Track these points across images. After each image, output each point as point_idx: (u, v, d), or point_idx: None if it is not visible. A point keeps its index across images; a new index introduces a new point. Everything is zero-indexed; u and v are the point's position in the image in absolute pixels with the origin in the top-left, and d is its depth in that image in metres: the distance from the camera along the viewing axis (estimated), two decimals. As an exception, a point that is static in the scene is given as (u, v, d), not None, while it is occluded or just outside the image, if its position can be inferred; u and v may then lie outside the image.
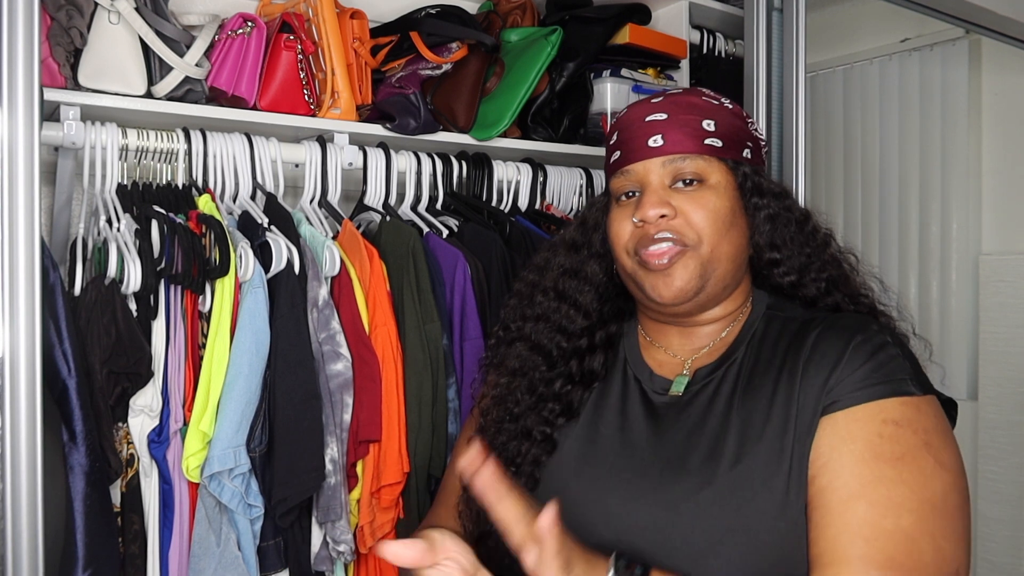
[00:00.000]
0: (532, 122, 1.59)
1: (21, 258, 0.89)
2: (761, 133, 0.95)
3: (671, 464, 0.83)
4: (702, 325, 0.91)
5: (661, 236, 0.85)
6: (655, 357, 0.93)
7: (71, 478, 0.98)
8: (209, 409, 1.07)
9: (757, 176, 0.91)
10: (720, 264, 0.86)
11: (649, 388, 0.90)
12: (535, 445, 0.91)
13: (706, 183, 0.87)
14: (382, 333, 1.21)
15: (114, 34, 1.17)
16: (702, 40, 1.89)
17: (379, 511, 1.19)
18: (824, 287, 0.91)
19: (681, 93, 0.92)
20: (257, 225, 1.20)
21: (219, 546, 1.06)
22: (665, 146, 0.87)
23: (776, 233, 0.90)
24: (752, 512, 0.78)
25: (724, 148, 0.88)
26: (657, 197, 0.86)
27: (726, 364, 0.87)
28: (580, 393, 0.93)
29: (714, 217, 0.86)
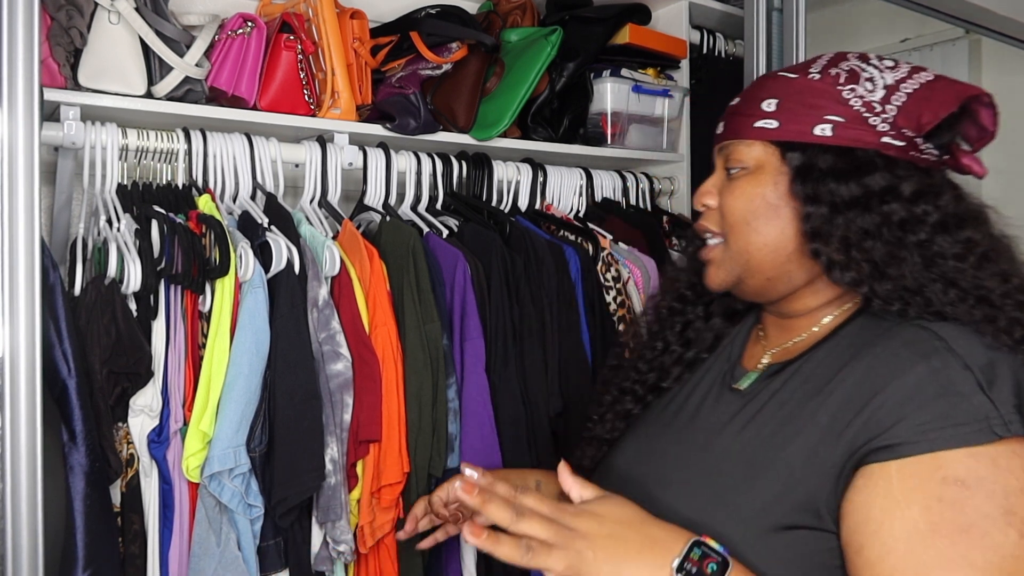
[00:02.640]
0: (532, 122, 1.59)
1: (21, 258, 0.89)
2: (876, 99, 0.80)
3: (695, 448, 0.83)
4: (792, 317, 0.87)
5: (701, 226, 0.89)
6: (752, 348, 0.91)
7: (71, 478, 0.98)
8: (209, 409, 1.07)
9: (822, 156, 0.80)
10: (751, 256, 0.83)
11: (729, 376, 0.89)
12: (620, 398, 0.97)
13: (748, 170, 0.84)
14: (382, 333, 1.21)
15: (114, 34, 1.17)
16: (702, 40, 1.90)
17: (379, 511, 1.19)
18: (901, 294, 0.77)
19: (774, 70, 0.88)
20: (257, 225, 1.20)
21: (219, 546, 1.06)
22: (722, 133, 0.88)
23: (824, 220, 0.79)
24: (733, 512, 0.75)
25: (780, 129, 0.82)
26: (705, 186, 0.89)
27: (795, 364, 0.82)
28: (678, 358, 0.94)
29: (743, 206, 0.83)
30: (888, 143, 0.79)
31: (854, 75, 0.81)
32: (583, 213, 1.67)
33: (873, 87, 0.80)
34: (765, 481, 0.75)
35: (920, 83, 0.80)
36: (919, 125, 0.79)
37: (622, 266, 1.52)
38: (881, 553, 0.65)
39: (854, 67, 0.82)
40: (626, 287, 1.51)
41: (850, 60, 0.83)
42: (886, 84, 0.80)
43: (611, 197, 1.71)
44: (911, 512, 0.65)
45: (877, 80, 0.81)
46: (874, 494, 0.68)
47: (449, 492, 1.03)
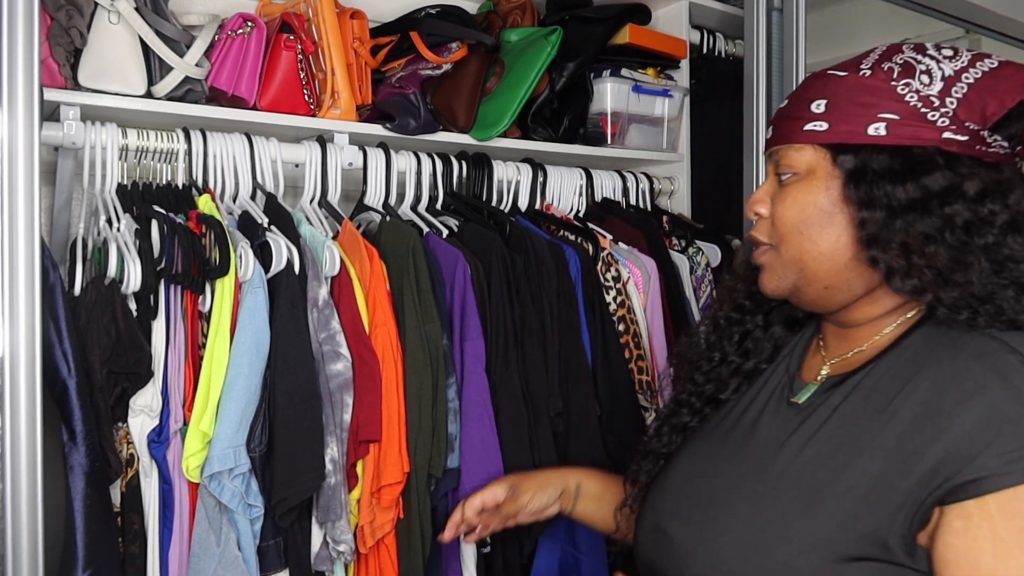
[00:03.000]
0: (532, 122, 1.59)
1: (21, 258, 0.90)
2: (934, 93, 0.75)
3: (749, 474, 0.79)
4: (852, 327, 0.83)
5: (753, 239, 0.85)
6: (812, 359, 0.87)
7: (71, 478, 0.98)
8: (209, 409, 1.06)
9: (875, 157, 0.75)
10: (805, 265, 0.79)
11: (788, 388, 0.85)
12: (675, 411, 0.94)
13: (799, 175, 0.80)
14: (382, 333, 1.21)
15: (114, 34, 1.17)
16: (702, 40, 1.90)
17: (379, 511, 1.19)
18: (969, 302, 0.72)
19: (823, 69, 0.82)
20: (257, 225, 1.20)
21: (219, 546, 1.06)
22: (771, 138, 0.84)
23: (880, 225, 0.75)
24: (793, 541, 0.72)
25: (830, 131, 0.77)
26: (757, 194, 0.84)
27: (856, 376, 0.78)
28: (736, 369, 0.91)
29: (795, 214, 0.79)
30: (950, 139, 0.74)
31: (909, 68, 0.76)
32: (583, 213, 1.67)
33: (930, 80, 0.75)
34: (827, 507, 0.71)
35: (983, 71, 0.75)
36: (984, 117, 0.73)
37: (622, 266, 1.52)
38: None
39: (909, 59, 0.77)
40: (626, 287, 1.51)
41: (905, 52, 0.78)
42: (944, 75, 0.75)
43: (611, 197, 1.71)
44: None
45: (934, 72, 0.75)
46: (980, 537, 0.64)
47: (484, 499, 1.05)
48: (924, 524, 0.68)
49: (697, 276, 1.66)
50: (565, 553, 1.39)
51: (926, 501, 0.67)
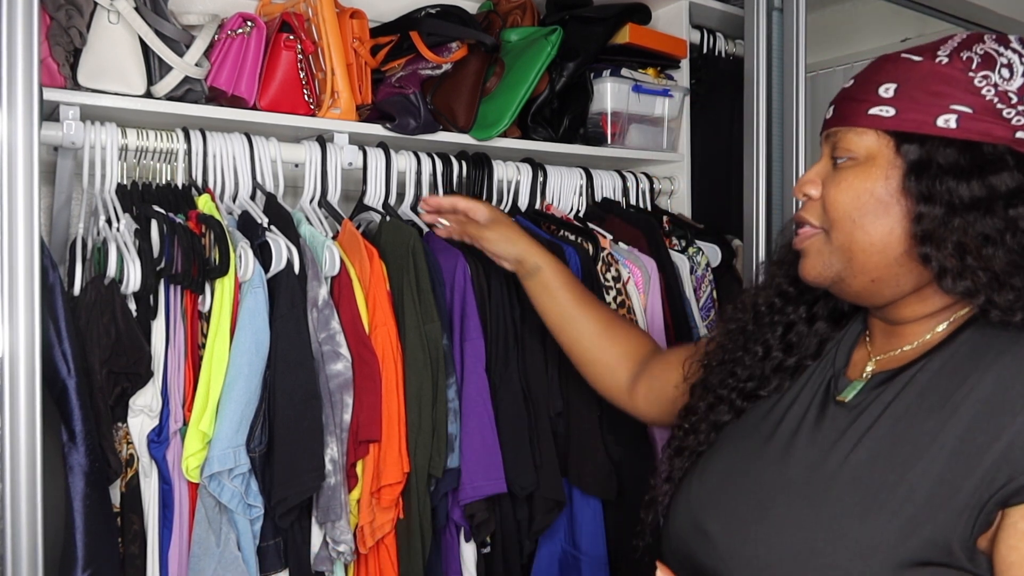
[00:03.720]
0: (532, 122, 1.59)
1: (21, 258, 0.89)
2: (1010, 88, 0.71)
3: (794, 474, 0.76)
4: (901, 324, 0.80)
5: (799, 217, 0.82)
6: (856, 355, 0.84)
7: (71, 478, 0.98)
8: (209, 409, 1.06)
9: (942, 150, 0.72)
10: (855, 255, 0.76)
11: (834, 385, 0.82)
12: (713, 407, 0.90)
13: (857, 160, 0.76)
14: (382, 333, 1.21)
15: (113, 34, 1.17)
16: (702, 40, 1.90)
17: (379, 511, 1.19)
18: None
19: (896, 51, 0.78)
20: (257, 225, 1.20)
21: (219, 546, 1.06)
22: (831, 118, 0.80)
23: (937, 222, 0.71)
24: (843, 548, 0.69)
25: (897, 118, 0.74)
26: (809, 175, 0.81)
27: (907, 372, 0.75)
28: (778, 365, 0.87)
29: (850, 200, 0.75)
30: (1023, 139, 0.71)
31: (989, 60, 0.72)
32: (583, 213, 1.67)
33: (1011, 75, 0.71)
34: (886, 511, 0.69)
35: None
36: None
37: (622, 266, 1.52)
38: None
39: (990, 51, 0.73)
40: (626, 287, 1.50)
41: (986, 43, 0.74)
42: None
43: (611, 197, 1.71)
44: None
45: (1016, 67, 0.71)
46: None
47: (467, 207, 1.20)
48: (987, 526, 0.66)
49: (697, 276, 1.66)
50: (565, 553, 1.40)
51: (990, 502, 0.65)
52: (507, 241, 1.19)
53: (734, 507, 0.79)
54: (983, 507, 0.65)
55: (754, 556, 0.74)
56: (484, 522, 1.27)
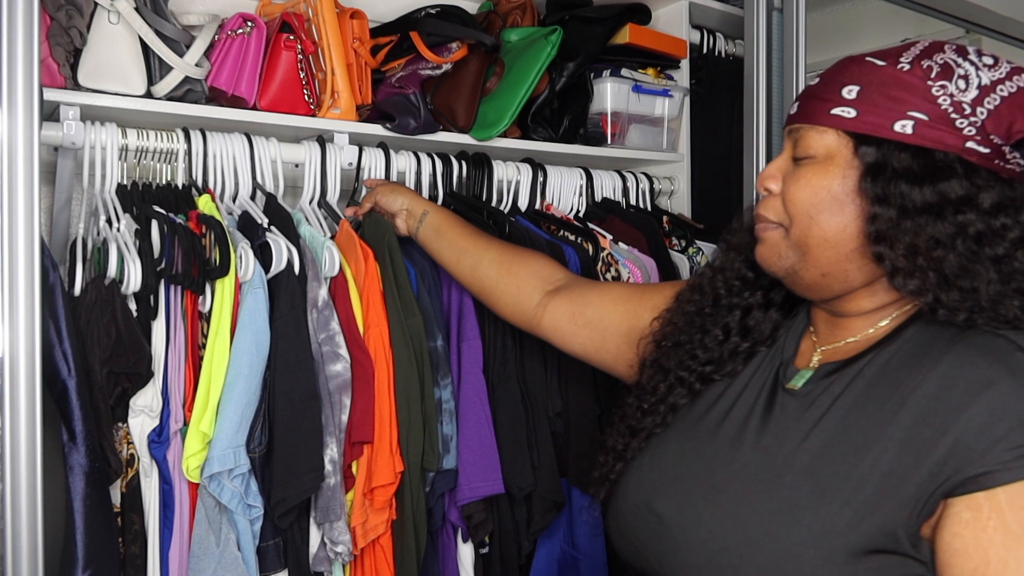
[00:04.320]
0: (532, 122, 1.59)
1: (21, 258, 0.90)
2: (967, 100, 0.74)
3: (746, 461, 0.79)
4: (847, 317, 0.83)
5: (760, 215, 0.84)
6: (803, 345, 0.87)
7: (71, 478, 0.98)
8: (209, 409, 1.07)
9: (896, 154, 0.75)
10: (809, 250, 0.79)
11: (782, 374, 0.84)
12: (672, 389, 0.91)
13: (816, 159, 0.79)
14: (374, 333, 1.20)
15: (114, 34, 1.17)
16: (702, 40, 1.90)
17: (372, 512, 1.18)
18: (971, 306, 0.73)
19: (861, 53, 0.80)
20: (257, 225, 1.20)
21: (219, 546, 1.06)
22: (794, 114, 0.82)
23: (890, 224, 0.75)
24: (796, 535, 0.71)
25: (857, 120, 0.76)
26: (769, 169, 0.84)
27: (855, 365, 0.78)
28: (735, 349, 0.89)
29: (807, 197, 0.78)
30: (972, 148, 0.74)
31: (948, 70, 0.75)
32: (583, 213, 1.67)
33: (966, 86, 0.74)
34: (838, 499, 0.71)
35: (1019, 87, 0.75)
36: (1009, 132, 0.74)
37: (622, 266, 1.52)
38: None
39: (949, 61, 0.76)
40: (626, 287, 1.51)
41: (946, 52, 0.77)
42: (981, 84, 0.74)
43: (611, 197, 1.71)
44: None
45: (972, 79, 0.74)
46: (989, 528, 0.65)
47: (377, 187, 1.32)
48: (929, 515, 0.69)
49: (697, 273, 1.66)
50: (564, 553, 1.40)
51: (935, 493, 0.68)
52: (393, 192, 1.30)
53: (687, 490, 0.81)
54: (929, 497, 0.68)
55: (707, 540, 0.76)
56: (482, 523, 1.27)
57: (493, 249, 1.20)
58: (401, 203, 1.29)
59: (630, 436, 0.93)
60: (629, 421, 0.94)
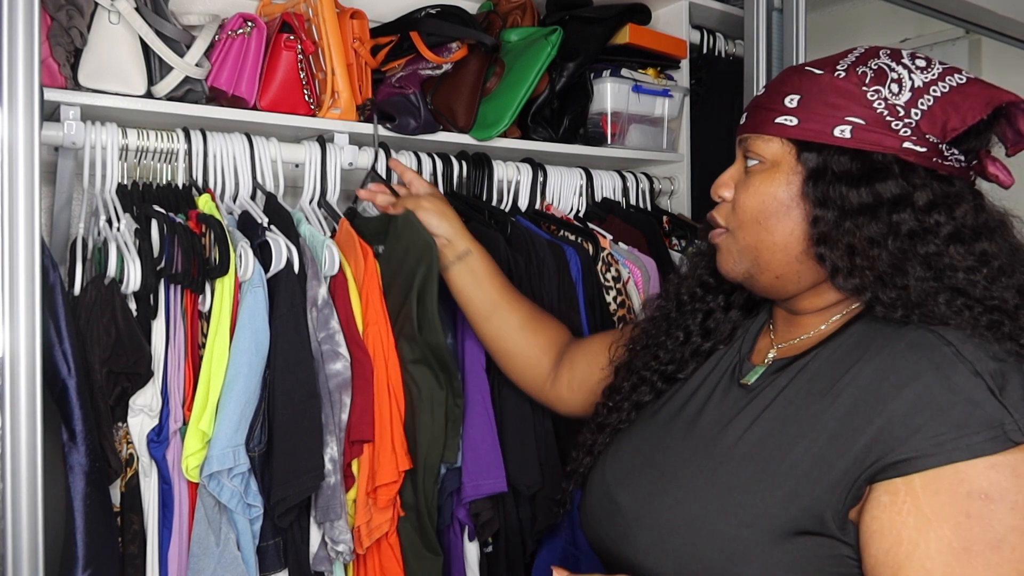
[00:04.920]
0: (532, 122, 1.59)
1: (21, 258, 0.90)
2: (901, 103, 0.77)
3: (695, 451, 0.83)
4: (801, 315, 0.87)
5: (712, 218, 0.89)
6: (760, 342, 0.91)
7: (71, 478, 0.98)
8: (208, 408, 1.06)
9: (836, 158, 0.78)
10: (760, 253, 0.83)
11: (738, 370, 0.89)
12: (635, 387, 0.96)
13: (764, 166, 0.83)
14: (373, 331, 1.20)
15: (114, 34, 1.17)
16: (702, 40, 1.90)
17: (376, 511, 1.18)
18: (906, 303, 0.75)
19: (802, 63, 0.85)
20: (257, 225, 1.20)
21: (218, 546, 1.06)
22: (743, 124, 0.86)
23: (830, 225, 0.78)
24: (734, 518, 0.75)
25: (799, 127, 0.79)
26: (722, 177, 0.88)
27: (801, 360, 0.82)
28: (690, 349, 0.94)
29: (755, 204, 0.82)
30: (909, 148, 0.76)
31: (881, 75, 0.78)
32: (583, 213, 1.67)
33: (899, 89, 0.77)
34: (771, 483, 0.75)
35: (951, 86, 0.77)
36: (944, 130, 0.76)
37: (622, 266, 1.52)
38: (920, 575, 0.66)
39: (883, 66, 0.79)
40: (626, 287, 1.51)
41: (880, 58, 0.80)
42: (914, 87, 0.77)
43: (611, 197, 1.71)
44: (943, 531, 0.66)
45: (905, 82, 0.78)
46: (903, 511, 0.68)
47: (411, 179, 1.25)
48: (856, 500, 0.72)
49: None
50: (567, 553, 1.40)
51: (860, 478, 0.71)
52: (442, 216, 1.19)
53: (642, 479, 0.85)
54: (854, 483, 0.71)
55: (656, 523, 0.80)
56: (488, 521, 1.27)
57: (522, 310, 1.18)
58: (445, 231, 1.18)
59: (597, 432, 0.99)
60: (598, 419, 1.00)
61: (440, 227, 1.18)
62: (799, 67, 0.84)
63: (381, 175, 1.35)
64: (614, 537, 0.86)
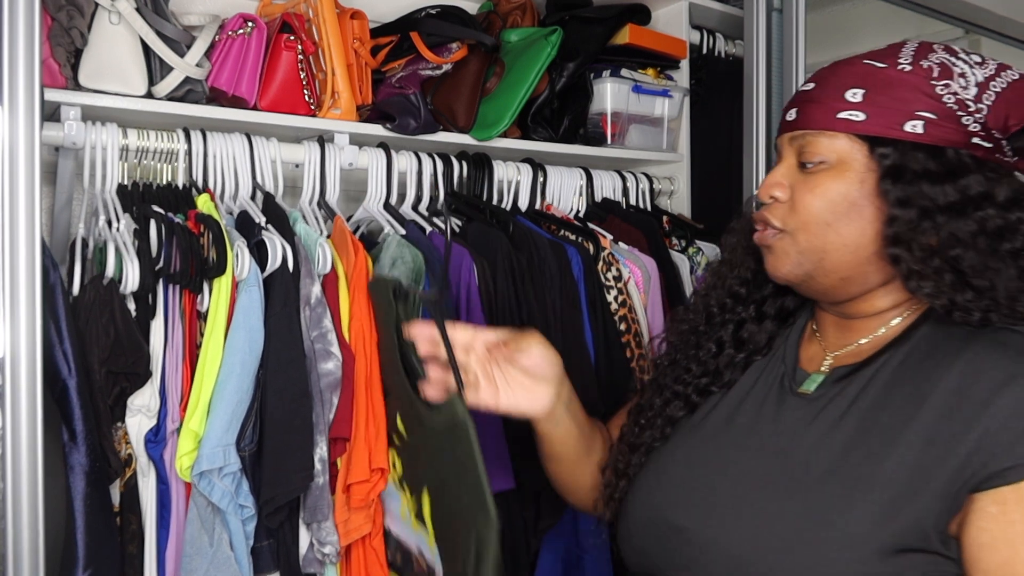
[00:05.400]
0: (532, 122, 1.59)
1: (22, 258, 0.90)
2: (969, 97, 0.75)
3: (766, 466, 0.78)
4: (858, 319, 0.82)
5: (761, 218, 0.83)
6: (809, 348, 0.87)
7: (71, 478, 0.98)
8: (200, 408, 1.06)
9: (913, 155, 0.75)
10: (827, 255, 0.78)
11: (789, 379, 0.84)
12: (668, 402, 0.91)
13: (829, 164, 0.78)
14: (356, 327, 1.19)
15: (115, 34, 1.17)
16: (702, 40, 1.90)
17: (352, 511, 1.16)
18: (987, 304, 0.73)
19: (856, 56, 0.80)
20: (254, 224, 1.20)
21: (211, 546, 1.05)
22: (795, 121, 0.81)
23: (909, 226, 0.74)
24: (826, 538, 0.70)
25: (867, 123, 0.76)
26: (774, 177, 0.82)
27: (870, 367, 0.78)
28: (725, 360, 0.89)
29: (822, 204, 0.77)
30: (977, 144, 0.75)
31: (946, 69, 0.76)
32: (583, 213, 1.67)
33: (966, 84, 0.75)
34: (865, 499, 0.71)
35: (1008, 82, 0.76)
36: (1006, 126, 0.75)
37: (622, 266, 1.52)
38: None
39: (945, 61, 0.77)
40: (627, 287, 1.51)
41: (938, 52, 0.78)
42: (977, 81, 0.76)
43: (611, 197, 1.71)
44: None
45: (969, 76, 0.76)
46: (1016, 521, 0.65)
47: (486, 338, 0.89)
48: (956, 511, 0.69)
49: (697, 276, 1.66)
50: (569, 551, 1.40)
51: (962, 488, 0.68)
52: (548, 363, 0.93)
53: (703, 500, 0.80)
54: (957, 493, 0.68)
55: (734, 549, 0.75)
56: (494, 520, 1.27)
57: (592, 457, 1.00)
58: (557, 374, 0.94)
59: (630, 452, 0.92)
60: (628, 439, 0.94)
61: (555, 365, 0.94)
62: (854, 60, 0.80)
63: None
64: (676, 565, 0.80)
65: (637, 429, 0.93)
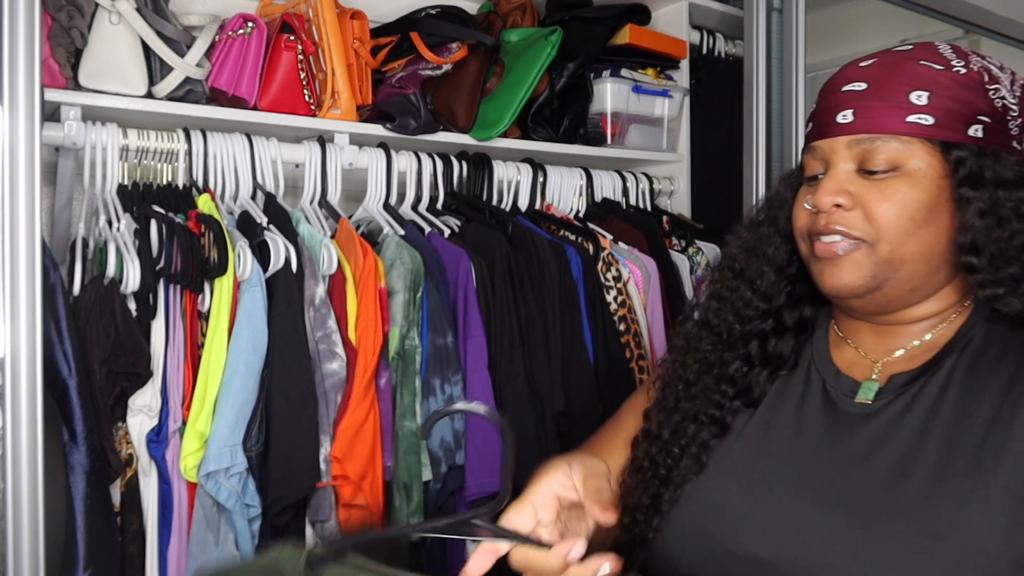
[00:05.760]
0: (532, 122, 1.59)
1: (22, 258, 0.90)
2: (1012, 102, 0.74)
3: (848, 484, 0.72)
4: (901, 324, 0.79)
5: (832, 228, 0.75)
6: (844, 355, 0.82)
7: (72, 478, 0.99)
8: (206, 408, 1.06)
9: (982, 160, 0.73)
10: (904, 265, 0.74)
11: (834, 389, 0.79)
12: (703, 427, 0.84)
13: (901, 170, 0.73)
14: (362, 325, 1.20)
15: (115, 34, 1.17)
16: (702, 40, 1.90)
17: (340, 506, 1.16)
18: None
19: (899, 53, 0.76)
20: (256, 224, 1.20)
21: (217, 546, 1.06)
22: (854, 123, 0.75)
23: (986, 233, 0.72)
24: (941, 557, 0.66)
25: (937, 127, 0.72)
26: (835, 183, 0.75)
27: (930, 374, 0.74)
28: (761, 378, 0.83)
29: (902, 212, 0.72)
30: (1015, 148, 0.74)
31: (991, 73, 0.74)
32: (583, 213, 1.67)
33: (1009, 87, 0.74)
34: (984, 513, 0.66)
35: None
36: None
37: (622, 266, 1.52)
38: None
39: (986, 64, 0.75)
40: (626, 287, 1.51)
41: (973, 56, 0.76)
42: (1012, 86, 0.75)
43: (611, 197, 1.72)
44: None
45: (1005, 81, 0.75)
46: None
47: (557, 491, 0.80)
48: None
49: (697, 276, 1.66)
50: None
51: None
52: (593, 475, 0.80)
53: (787, 527, 0.73)
54: None
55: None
56: (491, 520, 1.27)
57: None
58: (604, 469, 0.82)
59: (661, 486, 0.83)
60: (658, 471, 0.85)
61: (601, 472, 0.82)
62: (906, 58, 0.76)
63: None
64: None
65: (670, 460, 0.85)
